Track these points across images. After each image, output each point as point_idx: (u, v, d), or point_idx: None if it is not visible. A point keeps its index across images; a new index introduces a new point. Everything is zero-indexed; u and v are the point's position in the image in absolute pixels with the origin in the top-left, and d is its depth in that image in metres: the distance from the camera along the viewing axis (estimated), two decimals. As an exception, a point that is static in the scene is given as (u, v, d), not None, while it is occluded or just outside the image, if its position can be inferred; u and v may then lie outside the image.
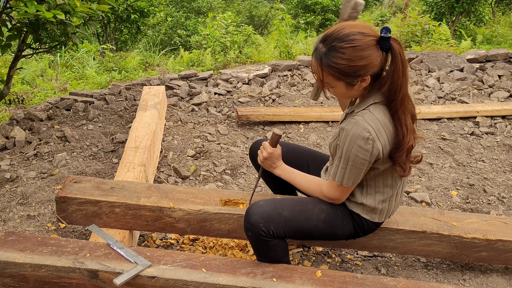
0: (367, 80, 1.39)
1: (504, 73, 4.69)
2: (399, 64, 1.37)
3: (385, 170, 1.52)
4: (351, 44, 1.34)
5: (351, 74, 1.37)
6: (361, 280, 1.56)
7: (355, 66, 1.35)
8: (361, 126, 1.39)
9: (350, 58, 1.34)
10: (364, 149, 1.40)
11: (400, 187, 1.63)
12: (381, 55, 1.37)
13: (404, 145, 1.43)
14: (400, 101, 1.41)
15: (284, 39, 5.66)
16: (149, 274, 1.50)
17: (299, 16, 12.76)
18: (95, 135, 3.24)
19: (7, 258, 1.52)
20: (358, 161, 1.43)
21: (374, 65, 1.37)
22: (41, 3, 2.59)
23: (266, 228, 1.50)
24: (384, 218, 1.65)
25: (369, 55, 1.35)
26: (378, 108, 1.43)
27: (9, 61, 5.07)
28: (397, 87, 1.39)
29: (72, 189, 1.85)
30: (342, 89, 1.44)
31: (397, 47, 1.37)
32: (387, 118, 1.43)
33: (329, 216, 1.59)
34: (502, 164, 3.08)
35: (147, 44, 8.08)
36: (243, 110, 3.61)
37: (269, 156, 1.68)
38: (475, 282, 1.95)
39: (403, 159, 1.45)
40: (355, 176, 1.48)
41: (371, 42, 1.35)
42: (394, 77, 1.38)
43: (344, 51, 1.34)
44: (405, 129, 1.42)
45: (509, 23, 9.90)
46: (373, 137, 1.39)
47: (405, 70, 1.39)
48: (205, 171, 2.83)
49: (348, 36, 1.34)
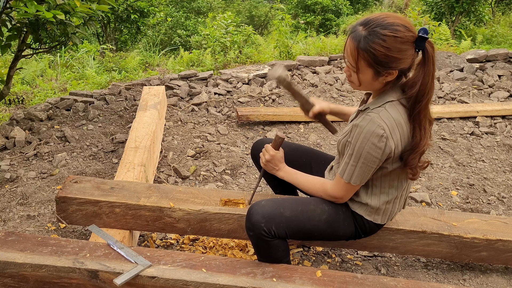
0: (394, 74, 1.39)
1: (504, 73, 4.69)
2: (431, 67, 1.37)
3: (393, 171, 1.51)
4: (394, 34, 1.33)
5: (383, 64, 1.36)
6: (361, 280, 1.56)
7: (390, 57, 1.35)
8: (376, 123, 1.39)
9: (389, 47, 1.34)
10: (377, 147, 1.40)
11: (405, 190, 1.62)
12: (413, 54, 1.38)
13: (419, 148, 1.43)
14: (425, 104, 1.41)
15: (284, 39, 5.66)
16: (149, 274, 1.50)
17: (299, 16, 12.76)
18: (95, 135, 3.24)
19: (7, 258, 1.52)
20: (369, 159, 1.43)
21: (406, 61, 1.37)
22: (41, 3, 2.59)
23: (268, 228, 1.50)
24: (386, 220, 1.64)
25: (405, 49, 1.35)
26: (394, 107, 1.42)
27: (9, 61, 5.07)
28: (426, 89, 1.39)
29: (72, 189, 1.85)
30: (368, 77, 1.42)
31: (431, 50, 1.37)
32: (402, 118, 1.42)
33: (331, 217, 1.59)
34: (502, 164, 3.08)
35: (147, 44, 8.07)
36: (243, 110, 3.61)
37: (271, 159, 1.68)
38: (475, 282, 1.95)
39: (415, 162, 1.44)
40: (363, 175, 1.47)
41: (410, 38, 1.35)
42: (426, 80, 1.38)
43: (385, 39, 1.33)
44: (423, 132, 1.42)
45: (509, 23, 9.90)
46: (387, 135, 1.39)
47: (434, 74, 1.39)
48: (205, 171, 2.83)
49: (392, 25, 1.34)
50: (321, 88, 4.34)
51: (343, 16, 13.06)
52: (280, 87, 1.74)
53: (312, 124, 3.62)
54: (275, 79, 1.71)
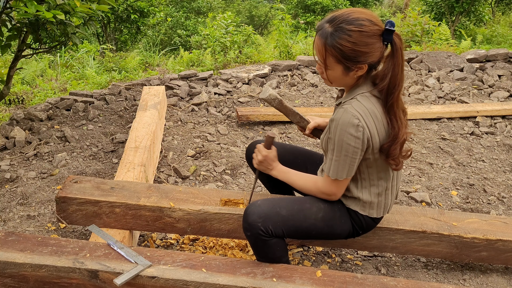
0: (364, 68, 1.42)
1: (504, 73, 4.69)
2: (400, 59, 1.40)
3: (377, 162, 1.52)
4: (359, 29, 1.36)
5: (352, 59, 1.39)
6: (361, 280, 1.56)
7: (358, 51, 1.38)
8: (350, 114, 1.41)
9: (355, 42, 1.37)
10: (355, 137, 1.42)
11: (394, 180, 1.63)
12: (381, 47, 1.40)
13: (399, 138, 1.45)
14: (397, 96, 1.43)
15: (284, 39, 5.66)
16: (149, 274, 1.50)
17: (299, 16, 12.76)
18: (95, 135, 3.24)
19: (7, 258, 1.52)
20: (350, 150, 1.44)
21: (374, 55, 1.40)
22: (41, 3, 2.59)
23: (265, 227, 1.50)
24: (382, 213, 1.65)
25: (372, 43, 1.38)
26: (365, 98, 1.45)
27: (9, 61, 5.07)
28: (397, 81, 1.41)
29: (72, 189, 1.85)
30: (338, 73, 1.46)
31: (399, 42, 1.40)
32: (375, 108, 1.44)
33: (327, 215, 1.59)
34: (502, 164, 3.08)
35: (147, 44, 8.08)
36: (243, 110, 3.61)
37: (263, 159, 1.68)
38: (475, 282, 1.95)
39: (397, 152, 1.47)
40: (348, 167, 1.48)
41: (376, 32, 1.38)
42: (395, 71, 1.41)
43: (351, 34, 1.36)
44: (400, 123, 1.45)
45: (509, 23, 9.91)
46: (363, 124, 1.41)
47: (403, 66, 1.42)
48: (205, 171, 2.83)
49: (357, 20, 1.37)
50: (321, 88, 4.34)
51: (343, 16, 13.03)
52: (274, 106, 1.74)
53: (312, 124, 3.61)
54: (265, 99, 1.69)
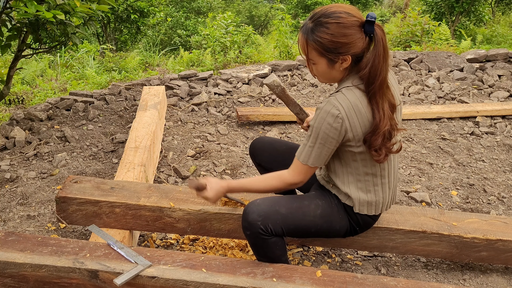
0: (348, 60, 1.44)
1: (504, 73, 4.69)
2: (381, 49, 1.41)
3: (362, 156, 1.52)
4: (336, 20, 1.41)
5: (332, 50, 1.43)
6: (361, 280, 1.56)
7: (337, 42, 1.41)
8: (331, 104, 1.44)
9: (333, 34, 1.41)
10: (332, 127, 1.43)
11: (386, 178, 1.60)
12: (363, 39, 1.42)
13: (380, 128, 1.45)
14: (379, 86, 1.44)
15: (284, 39, 5.66)
16: (149, 274, 1.50)
17: (299, 16, 12.76)
18: (95, 135, 3.24)
19: (7, 258, 1.52)
20: (325, 139, 1.46)
21: (355, 46, 1.42)
22: (41, 3, 2.59)
23: (264, 226, 1.50)
24: (375, 211, 1.62)
25: (351, 33, 1.41)
26: (350, 91, 1.46)
27: (9, 61, 5.07)
28: (378, 71, 1.42)
29: (72, 189, 1.85)
30: (323, 67, 1.49)
31: (380, 33, 1.42)
32: (359, 101, 1.45)
33: (325, 211, 1.60)
34: (502, 164, 3.08)
35: (147, 44, 8.08)
36: (243, 110, 3.61)
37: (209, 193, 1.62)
38: (475, 282, 1.95)
39: (378, 143, 1.47)
40: (320, 155, 1.49)
41: (354, 23, 1.41)
42: (375, 61, 1.42)
43: (328, 26, 1.41)
44: (382, 113, 1.45)
45: (509, 23, 9.91)
46: (342, 116, 1.43)
47: (386, 56, 1.43)
48: (205, 171, 2.83)
49: (334, 13, 1.42)
50: (321, 88, 4.34)
51: (343, 16, 13.04)
52: (277, 93, 1.75)
53: (312, 124, 3.62)
54: (269, 85, 1.71)
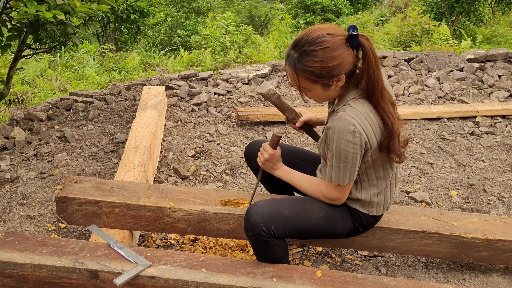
0: (342, 79, 1.43)
1: (504, 73, 4.69)
2: (372, 58, 1.40)
3: (375, 162, 1.53)
4: (321, 46, 1.37)
5: (325, 75, 1.41)
6: (361, 280, 1.56)
7: (328, 67, 1.39)
8: (345, 121, 1.42)
9: (322, 60, 1.38)
10: (352, 143, 1.42)
11: (393, 178, 1.64)
12: (352, 53, 1.41)
13: (395, 132, 1.46)
14: (380, 93, 1.44)
15: (284, 39, 5.66)
16: (149, 274, 1.50)
17: (299, 16, 12.76)
18: (95, 135, 3.24)
19: (7, 258, 1.52)
20: (349, 156, 1.45)
21: (346, 64, 1.40)
22: (41, 3, 2.59)
23: (267, 228, 1.50)
24: (382, 211, 1.66)
25: (340, 54, 1.38)
26: (357, 102, 1.46)
27: (9, 61, 5.07)
28: (374, 80, 1.42)
29: (72, 189, 1.85)
30: (319, 92, 1.47)
31: (366, 42, 1.40)
32: (368, 109, 1.45)
33: (328, 214, 1.60)
34: (502, 164, 3.08)
35: (147, 44, 8.08)
36: (243, 110, 3.61)
37: (270, 158, 1.68)
38: (475, 282, 1.95)
39: (396, 146, 1.47)
40: (350, 173, 1.49)
41: (340, 42, 1.39)
42: (370, 72, 1.41)
43: (315, 54, 1.38)
44: (391, 118, 1.45)
45: (509, 23, 9.91)
46: (359, 130, 1.41)
47: (377, 63, 1.43)
48: (205, 171, 2.83)
49: (318, 38, 1.38)
50: (321, 88, 4.34)
51: (343, 16, 13.06)
52: (272, 101, 1.74)
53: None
54: (264, 94, 1.69)
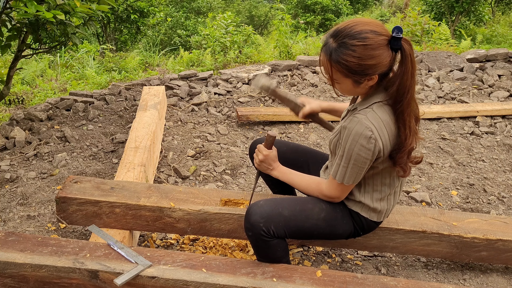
0: (374, 79, 1.39)
1: (504, 73, 4.69)
2: (409, 65, 1.36)
3: (384, 169, 1.52)
4: (363, 42, 1.32)
5: (359, 72, 1.36)
6: (361, 280, 1.56)
7: (364, 65, 1.34)
8: (363, 125, 1.39)
9: (360, 57, 1.33)
10: (366, 148, 1.40)
11: (398, 187, 1.63)
12: (390, 55, 1.36)
13: (406, 146, 1.43)
14: (407, 103, 1.40)
15: (284, 39, 5.66)
16: (149, 274, 1.50)
17: (299, 16, 12.76)
18: (95, 135, 3.24)
19: (7, 259, 1.52)
20: (360, 160, 1.43)
21: (383, 65, 1.36)
22: (41, 3, 2.59)
23: (267, 228, 1.50)
24: (382, 218, 1.65)
25: (379, 54, 1.33)
26: (381, 108, 1.42)
27: (9, 61, 5.07)
28: (406, 88, 1.38)
29: (72, 189, 1.85)
30: (348, 86, 1.44)
31: (408, 48, 1.35)
32: (390, 118, 1.42)
33: (329, 215, 1.59)
34: (502, 163, 3.08)
35: (147, 44, 8.07)
36: (243, 110, 3.61)
37: (264, 159, 1.67)
38: (475, 281, 1.95)
39: (404, 160, 1.45)
40: (356, 175, 1.48)
41: (382, 42, 1.33)
42: (404, 79, 1.37)
43: (355, 49, 1.33)
44: (408, 131, 1.42)
45: (509, 22, 9.90)
46: (375, 137, 1.39)
47: (414, 72, 1.38)
48: (205, 171, 2.83)
49: (361, 33, 1.33)
50: (321, 88, 4.33)
51: (343, 16, 13.06)
52: (268, 95, 1.76)
53: (312, 124, 3.62)
54: (258, 89, 1.71)
